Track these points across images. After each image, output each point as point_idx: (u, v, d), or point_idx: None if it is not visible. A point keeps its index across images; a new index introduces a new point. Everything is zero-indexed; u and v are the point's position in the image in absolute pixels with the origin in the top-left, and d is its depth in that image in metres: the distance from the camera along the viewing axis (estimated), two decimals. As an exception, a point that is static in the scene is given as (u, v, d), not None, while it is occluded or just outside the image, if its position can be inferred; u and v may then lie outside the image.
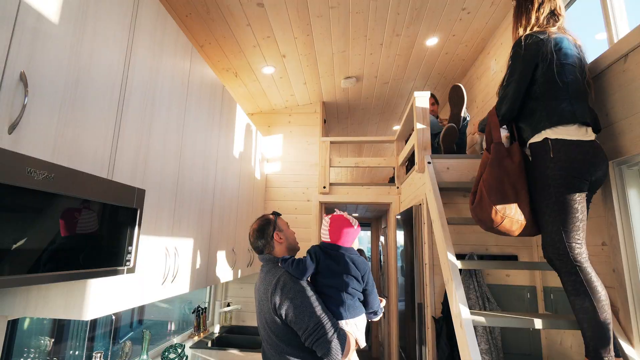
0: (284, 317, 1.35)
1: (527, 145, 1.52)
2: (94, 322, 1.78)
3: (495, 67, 2.77)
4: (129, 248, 1.11)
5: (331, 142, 3.67)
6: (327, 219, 1.58)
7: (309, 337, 1.31)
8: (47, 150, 0.96)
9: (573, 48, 1.47)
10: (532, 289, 2.18)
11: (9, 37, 0.86)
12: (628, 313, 1.41)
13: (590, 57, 1.57)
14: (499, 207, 1.47)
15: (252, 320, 3.42)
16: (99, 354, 1.58)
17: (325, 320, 1.34)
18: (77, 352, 1.68)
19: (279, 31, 2.49)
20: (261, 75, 3.09)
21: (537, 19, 1.52)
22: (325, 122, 4.09)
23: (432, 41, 2.83)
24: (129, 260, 1.10)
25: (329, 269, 1.47)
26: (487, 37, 2.83)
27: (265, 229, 1.60)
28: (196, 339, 2.68)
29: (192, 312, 2.81)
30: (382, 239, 5.62)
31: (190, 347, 2.48)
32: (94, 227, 0.97)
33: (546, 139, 1.41)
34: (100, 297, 1.16)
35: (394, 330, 3.42)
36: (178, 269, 1.70)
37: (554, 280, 2.04)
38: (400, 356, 3.06)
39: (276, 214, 1.69)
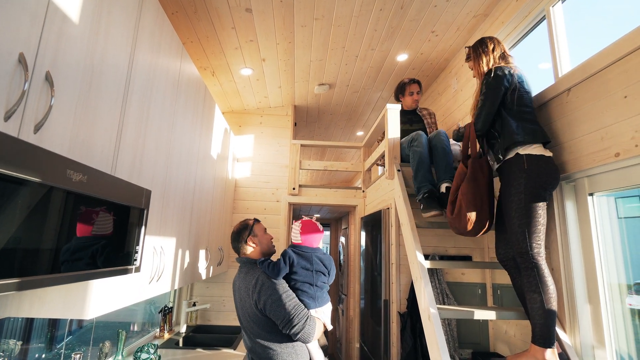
0: (264, 311, 1.57)
1: (502, 159, 1.73)
2: (29, 324, 1.64)
3: (455, 85, 3.07)
4: (137, 248, 1.13)
5: (301, 145, 3.78)
6: (298, 224, 1.80)
7: (285, 325, 1.55)
8: (64, 150, 0.96)
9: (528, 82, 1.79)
10: (483, 286, 2.47)
11: (39, 36, 0.87)
12: (562, 304, 1.69)
13: (535, 85, 1.88)
14: (472, 217, 1.79)
15: (217, 319, 3.42)
16: (78, 355, 1.54)
17: (298, 311, 1.58)
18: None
19: (263, 36, 2.55)
20: (238, 76, 3.11)
21: (494, 58, 1.85)
22: (295, 124, 4.19)
23: (402, 57, 3.06)
24: (136, 260, 1.13)
25: (302, 268, 1.70)
26: (449, 58, 3.12)
27: (242, 233, 1.79)
28: (163, 339, 2.64)
29: (159, 312, 2.75)
30: (342, 239, 5.82)
31: (159, 348, 2.44)
32: (110, 227, 1.00)
33: (518, 154, 1.66)
34: (102, 296, 1.17)
35: (356, 327, 3.61)
36: (164, 267, 1.71)
37: (500, 278, 2.34)
38: (362, 350, 3.25)
39: (255, 220, 1.85)
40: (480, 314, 1.78)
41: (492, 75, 1.76)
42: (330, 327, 1.75)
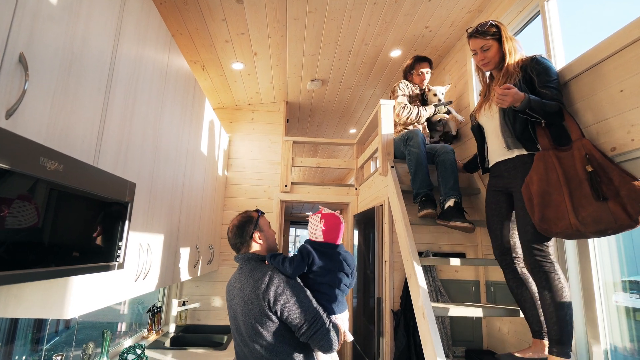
0: (279, 314, 1.34)
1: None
2: (14, 325, 1.57)
3: (449, 81, 3.05)
4: (120, 243, 1.08)
5: (294, 142, 3.73)
6: (318, 218, 1.54)
7: (306, 331, 1.32)
8: (40, 138, 0.90)
9: None
10: (476, 283, 2.46)
11: (12, 14, 0.81)
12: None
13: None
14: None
15: (207, 319, 3.35)
16: (59, 357, 1.47)
17: (320, 314, 1.37)
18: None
19: (254, 29, 2.49)
20: (229, 70, 3.04)
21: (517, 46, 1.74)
22: (287, 121, 4.13)
23: (395, 53, 3.03)
24: (119, 256, 1.07)
25: (324, 268, 1.47)
26: (443, 54, 3.10)
27: (246, 226, 1.55)
28: (151, 339, 2.57)
29: (147, 312, 2.68)
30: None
31: (147, 348, 2.37)
32: (89, 221, 0.94)
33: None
34: (83, 294, 1.11)
35: (349, 325, 3.57)
36: (150, 265, 1.64)
37: (494, 275, 2.33)
38: (355, 349, 3.22)
39: (259, 212, 1.63)
40: (474, 311, 1.76)
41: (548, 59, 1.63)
42: (350, 338, 1.49)
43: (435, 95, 2.63)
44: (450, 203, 2.08)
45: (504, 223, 1.71)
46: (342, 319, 1.48)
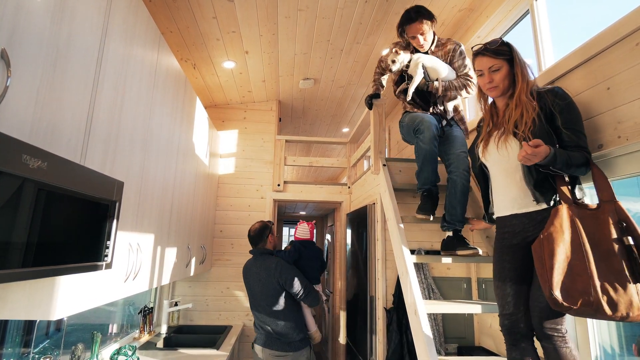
0: (284, 285, 2.23)
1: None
2: (3, 327, 1.53)
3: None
4: (107, 243, 1.06)
5: (286, 141, 3.72)
6: (307, 226, 2.67)
7: (302, 294, 2.27)
8: (24, 135, 0.89)
9: None
10: (468, 280, 2.47)
11: (-8, 11, 0.79)
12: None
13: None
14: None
15: (200, 319, 3.33)
16: (47, 359, 1.45)
17: (308, 283, 2.32)
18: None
19: (245, 27, 2.47)
20: (221, 69, 3.02)
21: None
22: (280, 120, 4.12)
23: (387, 52, 3.03)
24: (107, 256, 1.06)
25: (309, 256, 2.52)
26: (434, 53, 3.11)
27: (265, 230, 2.43)
28: (143, 340, 2.55)
29: (139, 313, 2.65)
30: (328, 237, 5.78)
31: (138, 349, 2.35)
32: (75, 220, 0.92)
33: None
34: (71, 294, 1.09)
35: (342, 324, 3.58)
36: (140, 265, 1.63)
37: (485, 272, 2.35)
38: (349, 347, 3.22)
39: (271, 223, 2.52)
40: (466, 308, 1.77)
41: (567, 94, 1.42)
42: (324, 298, 2.54)
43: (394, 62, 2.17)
44: (450, 233, 2.01)
45: (521, 290, 1.39)
46: (318, 288, 2.51)
